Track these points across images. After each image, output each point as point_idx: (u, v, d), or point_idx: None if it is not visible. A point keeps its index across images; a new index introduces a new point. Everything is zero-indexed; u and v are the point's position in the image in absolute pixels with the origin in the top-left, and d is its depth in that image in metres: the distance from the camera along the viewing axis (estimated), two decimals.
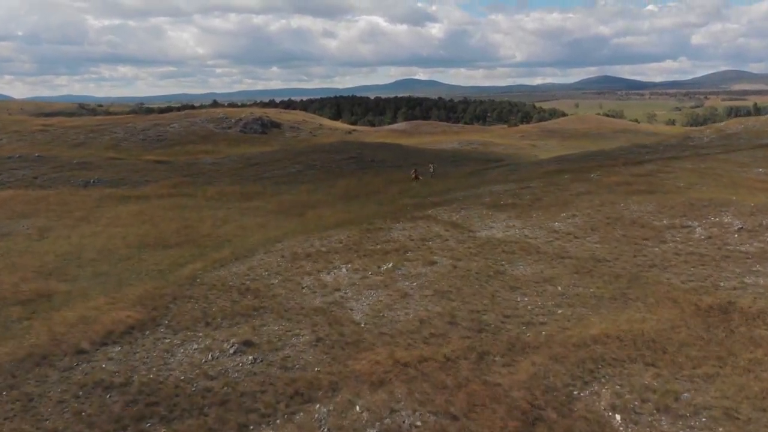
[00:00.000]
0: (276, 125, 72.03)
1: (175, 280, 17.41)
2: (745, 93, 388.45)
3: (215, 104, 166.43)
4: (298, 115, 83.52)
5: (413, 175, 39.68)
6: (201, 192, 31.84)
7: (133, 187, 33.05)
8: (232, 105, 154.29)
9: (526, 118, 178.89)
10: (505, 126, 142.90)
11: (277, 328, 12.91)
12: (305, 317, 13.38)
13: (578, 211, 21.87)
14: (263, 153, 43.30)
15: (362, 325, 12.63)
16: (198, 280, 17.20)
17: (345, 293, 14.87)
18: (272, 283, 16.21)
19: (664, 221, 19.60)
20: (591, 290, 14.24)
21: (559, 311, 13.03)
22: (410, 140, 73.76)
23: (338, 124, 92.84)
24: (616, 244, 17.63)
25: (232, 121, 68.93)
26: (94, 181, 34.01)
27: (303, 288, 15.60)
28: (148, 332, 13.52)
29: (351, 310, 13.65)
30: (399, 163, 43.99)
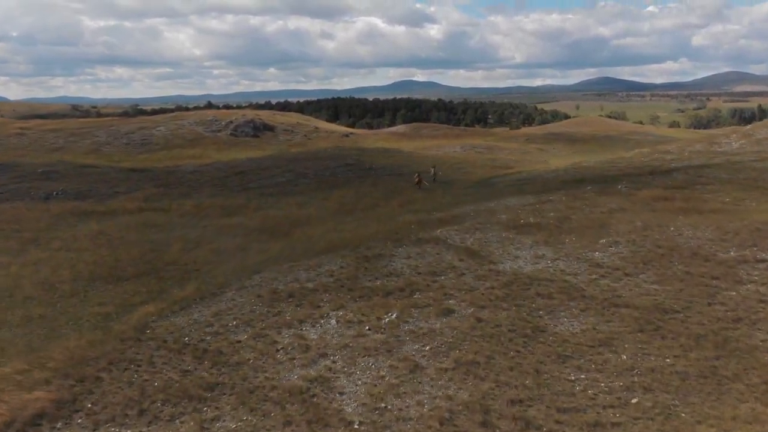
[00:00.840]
0: (269, 128, 68.26)
1: (119, 330, 13.64)
2: (747, 95, 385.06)
3: (209, 105, 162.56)
4: (293, 118, 79.69)
5: (416, 180, 36.04)
6: (176, 206, 28.01)
7: (100, 201, 29.21)
8: (227, 106, 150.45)
9: (528, 120, 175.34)
10: (507, 128, 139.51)
11: (234, 426, 9.11)
12: (276, 406, 9.58)
13: (619, 235, 18.10)
14: (251, 159, 39.47)
15: (356, 426, 8.83)
16: (148, 331, 13.44)
17: (334, 362, 11.06)
18: (239, 341, 12.42)
19: (732, 253, 15.84)
20: (668, 361, 10.46)
21: (634, 400, 9.24)
22: (411, 144, 70.09)
23: (335, 127, 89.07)
24: (681, 286, 13.84)
25: (222, 123, 65.14)
26: (57, 194, 30.13)
27: (278, 350, 11.80)
28: (59, 425, 9.73)
29: (341, 394, 9.84)
30: (400, 170, 40.24)
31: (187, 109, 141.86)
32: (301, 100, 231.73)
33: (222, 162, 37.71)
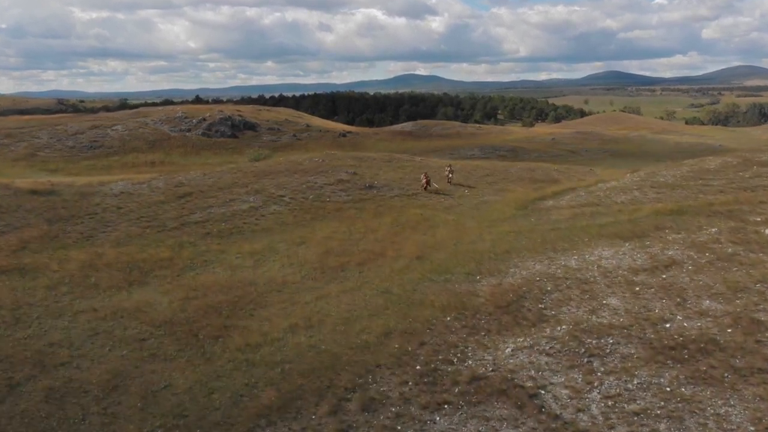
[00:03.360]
0: (250, 126, 57.42)
1: None
2: (760, 89, 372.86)
3: (198, 100, 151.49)
4: (281, 114, 68.68)
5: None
6: (56, 263, 17.25)
7: None
8: (217, 101, 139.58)
9: (541, 115, 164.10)
10: (520, 124, 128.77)
11: None
12: None
13: None
14: (205, 174, 28.58)
15: None
16: None
17: None
18: None
19: None
20: None
21: None
22: (420, 145, 59.29)
23: (331, 124, 78.03)
24: None
25: (194, 121, 54.31)
26: None
27: None
28: None
29: None
30: (411, 187, 29.41)
31: (172, 102, 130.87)
32: (297, 94, 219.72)
33: (163, 178, 26.84)
